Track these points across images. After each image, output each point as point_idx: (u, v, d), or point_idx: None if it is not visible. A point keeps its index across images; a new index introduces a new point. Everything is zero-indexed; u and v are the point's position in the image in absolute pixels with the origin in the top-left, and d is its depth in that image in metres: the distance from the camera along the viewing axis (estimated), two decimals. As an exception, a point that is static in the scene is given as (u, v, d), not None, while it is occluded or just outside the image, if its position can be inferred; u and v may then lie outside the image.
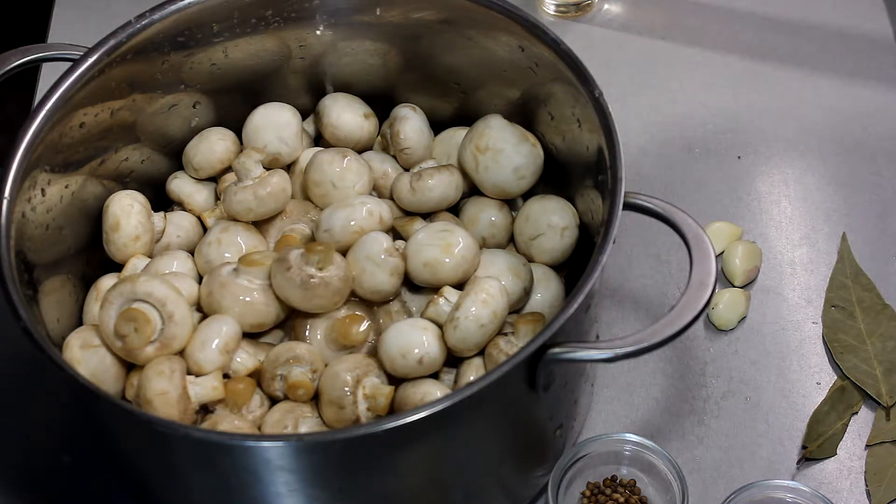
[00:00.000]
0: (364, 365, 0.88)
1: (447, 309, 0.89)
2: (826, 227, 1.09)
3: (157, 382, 0.84)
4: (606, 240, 0.82)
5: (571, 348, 0.79)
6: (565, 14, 1.26)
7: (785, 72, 1.21)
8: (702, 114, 1.18)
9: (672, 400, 0.99)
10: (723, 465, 0.95)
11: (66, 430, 0.97)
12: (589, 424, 0.97)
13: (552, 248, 0.95)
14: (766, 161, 1.14)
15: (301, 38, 1.00)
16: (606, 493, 0.92)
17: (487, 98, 1.01)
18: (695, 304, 0.80)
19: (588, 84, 0.89)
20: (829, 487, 0.94)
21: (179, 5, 0.94)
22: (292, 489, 0.80)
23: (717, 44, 1.23)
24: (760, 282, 1.06)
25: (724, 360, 1.01)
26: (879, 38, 1.23)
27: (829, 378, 1.00)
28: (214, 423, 0.85)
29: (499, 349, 0.87)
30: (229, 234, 0.94)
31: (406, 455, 0.81)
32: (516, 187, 0.97)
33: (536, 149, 0.97)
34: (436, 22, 0.98)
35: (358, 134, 1.02)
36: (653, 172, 1.13)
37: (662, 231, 0.86)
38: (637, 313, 1.04)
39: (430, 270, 0.91)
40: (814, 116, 1.17)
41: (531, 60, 0.95)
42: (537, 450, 0.91)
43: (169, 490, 0.88)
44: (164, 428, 0.78)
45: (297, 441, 0.78)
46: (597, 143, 0.88)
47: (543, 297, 0.94)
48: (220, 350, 0.87)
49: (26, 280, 0.85)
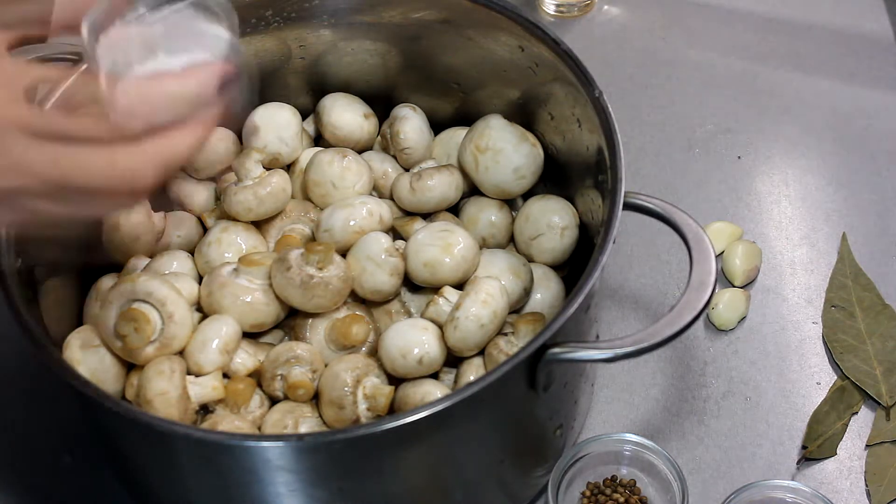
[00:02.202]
0: (364, 365, 0.88)
1: (447, 309, 0.89)
2: (826, 227, 1.09)
3: (157, 382, 0.84)
4: (606, 240, 0.82)
5: (571, 348, 0.79)
6: (565, 14, 1.26)
7: (785, 72, 1.21)
8: (702, 114, 1.18)
9: (672, 400, 0.99)
10: (723, 465, 0.95)
11: (66, 430, 0.96)
12: (589, 424, 0.97)
13: (552, 248, 0.95)
14: (766, 161, 1.14)
15: (301, 38, 1.00)
16: (606, 493, 0.92)
17: (487, 98, 1.01)
18: (695, 304, 0.80)
19: (588, 84, 0.89)
20: (829, 487, 0.94)
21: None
22: (292, 489, 0.80)
23: (717, 44, 1.23)
24: (760, 282, 1.06)
25: (724, 360, 1.01)
26: (879, 38, 1.23)
27: (829, 378, 1.00)
28: (214, 423, 0.85)
29: (499, 349, 0.87)
30: (229, 234, 0.94)
31: (406, 455, 0.81)
32: (516, 187, 0.97)
33: (536, 149, 0.97)
34: (436, 22, 0.98)
35: (358, 134, 1.02)
36: (653, 172, 1.13)
37: (662, 231, 0.86)
38: (637, 313, 1.04)
39: (430, 270, 0.91)
40: (814, 116, 1.17)
41: (531, 60, 0.95)
42: (537, 450, 0.91)
43: (169, 490, 0.88)
44: (164, 428, 0.78)
45: (297, 441, 0.78)
46: (597, 143, 0.88)
47: (543, 297, 0.94)
48: (220, 350, 0.87)
49: (26, 280, 0.85)
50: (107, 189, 0.66)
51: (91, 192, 0.66)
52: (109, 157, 0.65)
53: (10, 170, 0.64)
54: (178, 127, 0.67)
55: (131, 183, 0.66)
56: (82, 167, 0.65)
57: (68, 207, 0.67)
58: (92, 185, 0.66)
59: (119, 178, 0.66)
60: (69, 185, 0.65)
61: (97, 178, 0.65)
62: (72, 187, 0.65)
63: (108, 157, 0.65)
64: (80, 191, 0.66)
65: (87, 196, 0.66)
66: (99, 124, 0.65)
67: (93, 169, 0.65)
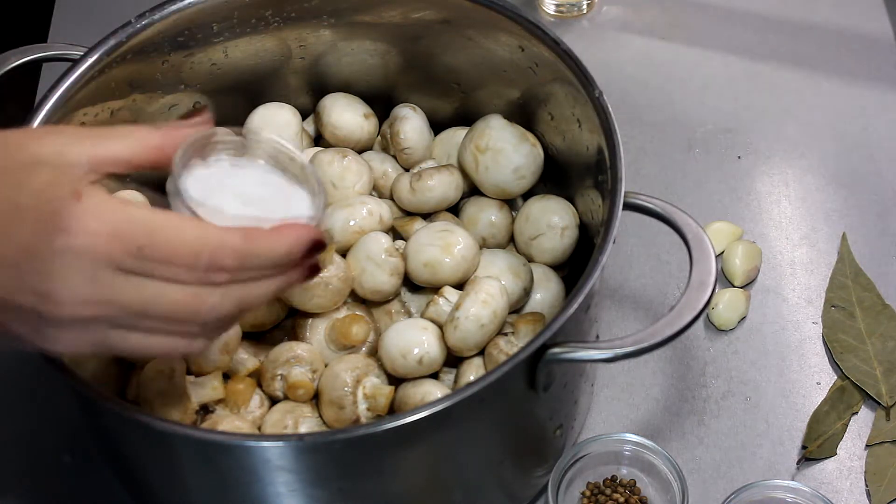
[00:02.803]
0: (364, 365, 0.88)
1: (447, 309, 0.89)
2: (826, 227, 1.09)
3: (157, 382, 0.84)
4: (606, 240, 0.82)
5: (571, 348, 0.79)
6: (565, 14, 1.26)
7: (785, 72, 1.21)
8: (702, 114, 1.18)
9: (672, 400, 0.99)
10: (723, 465, 0.95)
11: (66, 430, 0.96)
12: (589, 424, 0.97)
13: (552, 248, 0.95)
14: (766, 161, 1.14)
15: (301, 38, 1.00)
16: (606, 493, 0.92)
17: (487, 98, 1.01)
18: (695, 304, 0.80)
19: (588, 84, 0.89)
20: (829, 487, 0.94)
21: (179, 5, 0.94)
22: (292, 489, 0.80)
23: (717, 44, 1.23)
24: (760, 282, 1.06)
25: (724, 360, 1.01)
26: (879, 38, 1.23)
27: (829, 378, 1.00)
28: (214, 423, 0.85)
29: (499, 349, 0.87)
30: (229, 234, 0.94)
31: (406, 455, 0.81)
32: (516, 187, 0.97)
33: (536, 149, 0.97)
34: (436, 22, 0.98)
35: (358, 134, 1.02)
36: (653, 172, 1.13)
37: (662, 231, 0.86)
38: (637, 313, 1.04)
39: (430, 270, 0.91)
40: (814, 116, 1.17)
41: (531, 60, 0.95)
42: (537, 450, 0.91)
43: (169, 490, 0.88)
44: (164, 428, 0.78)
45: (297, 441, 0.78)
46: (597, 143, 0.88)
47: (543, 297, 0.94)
48: (220, 350, 0.87)
49: (26, 280, 0.85)
50: (185, 318, 0.67)
51: (169, 320, 0.67)
52: (194, 292, 0.67)
53: (97, 302, 0.65)
54: (261, 279, 0.69)
55: (209, 314, 0.67)
56: (166, 297, 0.66)
57: (139, 340, 0.68)
58: (173, 314, 0.67)
59: (198, 307, 0.67)
60: (150, 313, 0.66)
61: (180, 307, 0.67)
62: (152, 315, 0.67)
63: (193, 292, 0.67)
64: (159, 318, 0.67)
65: (164, 324, 0.67)
66: (190, 273, 0.66)
67: (177, 299, 0.66)
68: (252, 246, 0.67)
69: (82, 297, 0.65)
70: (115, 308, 0.66)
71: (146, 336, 0.68)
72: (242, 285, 0.68)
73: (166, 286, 0.66)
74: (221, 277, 0.67)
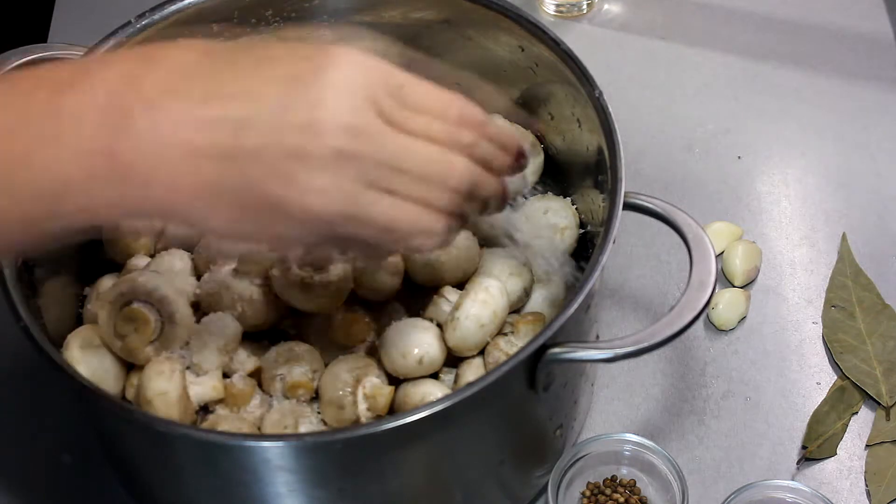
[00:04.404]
0: (364, 365, 0.88)
1: (447, 309, 0.89)
2: (826, 227, 1.09)
3: (157, 382, 0.84)
4: (606, 240, 0.82)
5: (571, 348, 0.79)
6: (565, 14, 1.26)
7: (785, 72, 1.21)
8: (702, 114, 1.18)
9: (672, 400, 0.99)
10: (723, 465, 0.95)
11: (66, 430, 0.96)
12: (589, 424, 0.97)
13: (552, 247, 0.95)
14: (766, 161, 1.14)
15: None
16: (606, 493, 0.92)
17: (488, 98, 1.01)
18: (695, 304, 0.80)
19: (588, 84, 0.89)
20: (829, 487, 0.94)
21: (179, 5, 0.94)
22: (292, 489, 0.80)
23: (717, 44, 1.23)
24: (760, 282, 1.06)
25: (724, 360, 1.01)
26: (879, 38, 1.23)
27: (829, 378, 1.00)
28: (214, 423, 0.85)
29: (499, 349, 0.87)
30: (229, 234, 0.94)
31: (406, 455, 0.81)
32: (516, 187, 0.97)
33: (536, 148, 0.96)
34: (436, 22, 0.98)
35: (358, 134, 1.02)
36: (653, 172, 1.13)
37: (662, 231, 0.86)
38: (637, 313, 1.04)
39: (430, 270, 0.91)
40: (814, 116, 1.17)
41: (531, 60, 0.95)
42: (537, 450, 0.91)
43: (169, 490, 0.88)
44: (164, 428, 0.78)
45: (297, 441, 0.78)
46: (597, 143, 0.88)
47: (543, 297, 0.93)
48: (220, 350, 0.87)
49: (26, 280, 0.85)
50: (437, 177, 0.69)
51: (422, 179, 0.69)
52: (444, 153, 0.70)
53: (356, 133, 0.66)
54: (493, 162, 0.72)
55: (458, 181, 0.69)
56: (420, 151, 0.69)
57: (389, 207, 0.68)
58: (426, 172, 0.69)
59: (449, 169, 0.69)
60: (404, 166, 0.68)
61: (433, 166, 0.69)
62: (406, 169, 0.68)
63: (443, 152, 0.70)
64: (413, 175, 0.68)
65: (416, 186, 0.69)
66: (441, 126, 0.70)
67: (430, 155, 0.69)
68: (489, 118, 0.72)
69: (344, 122, 0.65)
70: (371, 152, 0.66)
71: (395, 204, 0.68)
72: (481, 161, 0.71)
73: (419, 142, 0.68)
74: (468, 138, 0.69)
